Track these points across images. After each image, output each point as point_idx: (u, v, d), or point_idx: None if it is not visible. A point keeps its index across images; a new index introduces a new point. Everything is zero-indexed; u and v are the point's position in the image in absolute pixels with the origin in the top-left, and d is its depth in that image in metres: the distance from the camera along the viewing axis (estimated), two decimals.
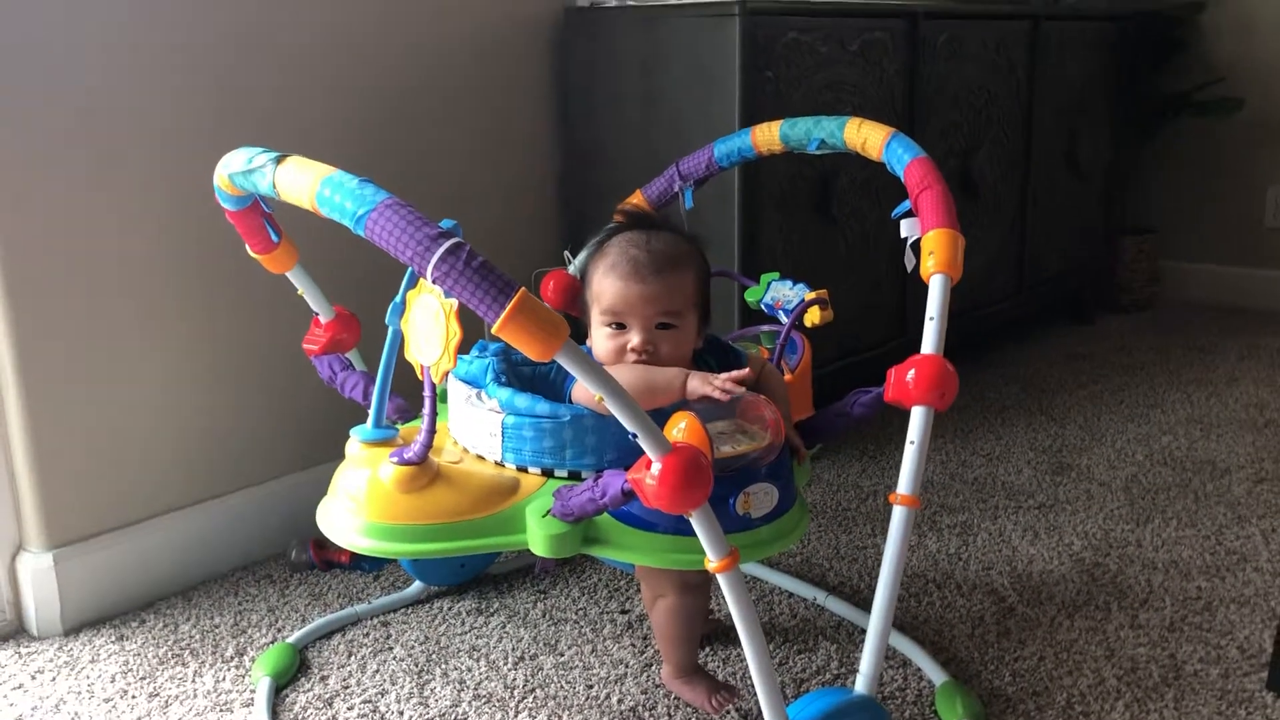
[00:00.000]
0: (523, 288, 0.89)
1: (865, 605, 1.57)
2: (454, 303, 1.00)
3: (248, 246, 1.29)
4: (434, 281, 0.90)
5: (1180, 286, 3.50)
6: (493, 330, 0.90)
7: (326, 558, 1.74)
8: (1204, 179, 3.40)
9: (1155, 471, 2.10)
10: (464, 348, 1.20)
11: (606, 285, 1.21)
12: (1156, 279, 3.44)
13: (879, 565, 1.13)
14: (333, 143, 1.79)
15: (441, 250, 0.89)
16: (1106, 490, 2.01)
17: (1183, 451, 2.20)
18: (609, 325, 1.21)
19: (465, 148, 2.01)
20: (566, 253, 1.65)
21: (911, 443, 1.11)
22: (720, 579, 1.01)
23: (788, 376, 1.38)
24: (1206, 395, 2.55)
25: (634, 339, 1.20)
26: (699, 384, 1.11)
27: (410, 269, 1.13)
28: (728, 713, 1.34)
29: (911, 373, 1.12)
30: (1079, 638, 1.51)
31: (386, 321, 1.18)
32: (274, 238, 1.28)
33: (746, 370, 1.13)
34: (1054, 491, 2.01)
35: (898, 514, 1.11)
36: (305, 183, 0.97)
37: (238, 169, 1.07)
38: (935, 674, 1.41)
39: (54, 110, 1.49)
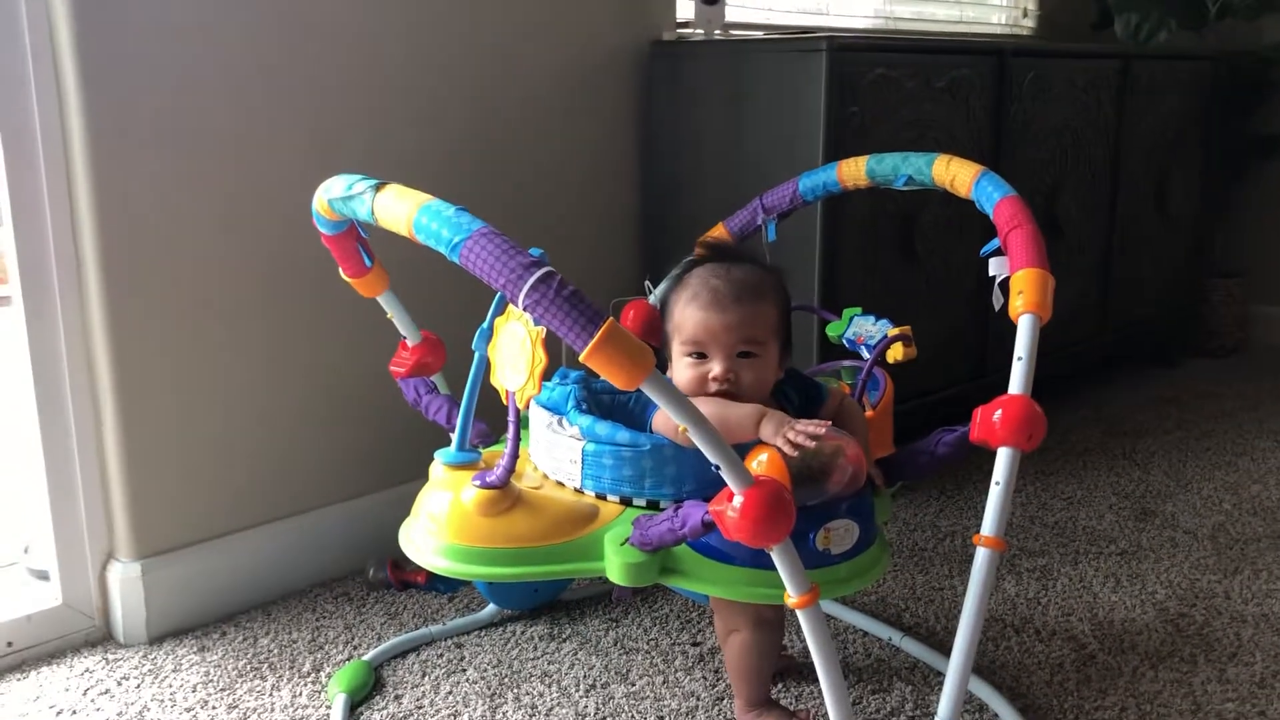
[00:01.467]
0: (610, 318, 0.90)
1: (941, 647, 1.54)
2: (541, 330, 1.01)
3: (341, 270, 1.33)
4: (525, 309, 0.92)
5: (1269, 331, 3.40)
6: (580, 358, 0.91)
7: (403, 578, 1.76)
8: None
9: (1244, 521, 2.04)
10: (546, 375, 1.22)
11: (688, 315, 1.22)
12: (1245, 323, 3.35)
13: (956, 607, 1.12)
14: (421, 174, 1.83)
15: (534, 279, 0.90)
16: (1192, 539, 1.96)
17: (1273, 501, 2.14)
18: (690, 355, 1.22)
19: (550, 178, 2.04)
20: (647, 283, 1.67)
21: (997, 484, 1.10)
22: (800, 615, 1.00)
23: (869, 413, 1.37)
24: None
25: (715, 368, 1.20)
26: (772, 433, 1.10)
27: (498, 295, 1.16)
28: None
29: (998, 413, 1.10)
30: (1163, 689, 1.47)
31: (473, 346, 1.20)
32: (367, 262, 1.31)
33: (826, 424, 1.11)
34: (1137, 538, 1.97)
35: (981, 556, 1.09)
36: (403, 210, 1.00)
37: (338, 195, 1.09)
38: None
39: (163, 131, 1.54)
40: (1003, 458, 1.10)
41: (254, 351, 1.69)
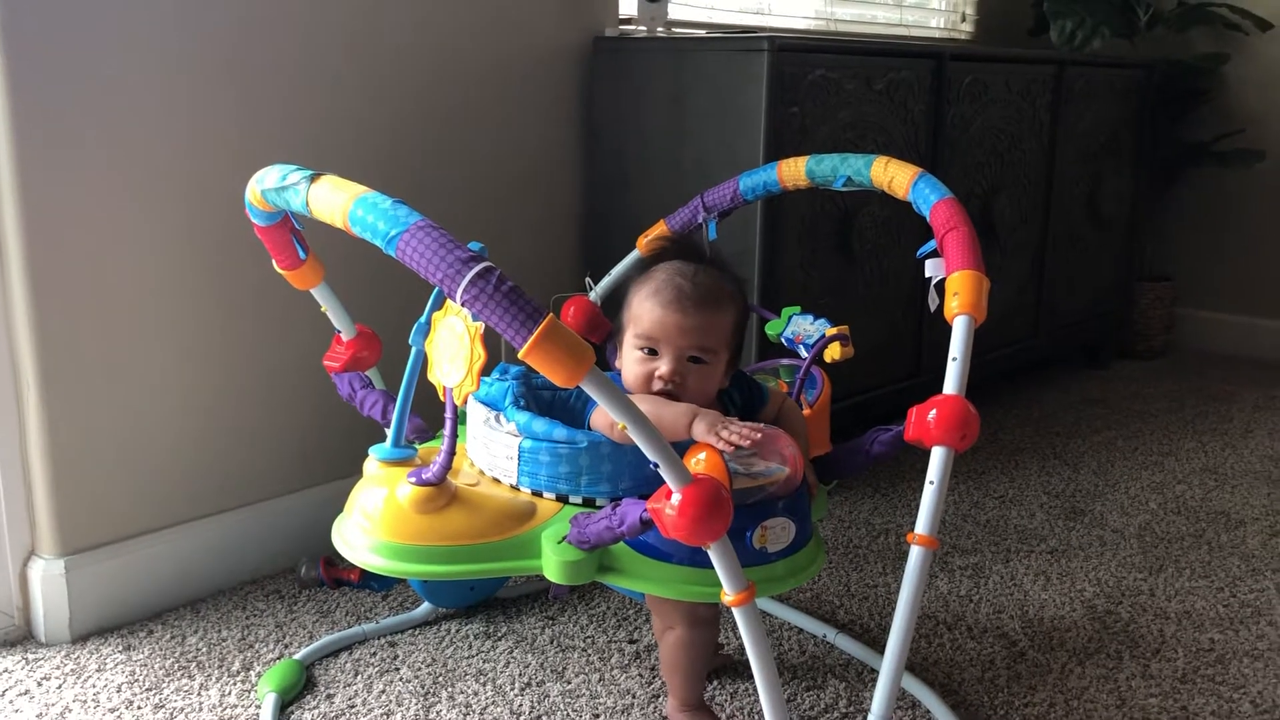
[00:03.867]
0: (550, 314, 0.90)
1: (875, 644, 1.56)
2: (480, 325, 1.00)
3: (274, 262, 1.30)
4: (463, 304, 0.90)
5: (1196, 335, 3.49)
6: (520, 355, 0.90)
7: (336, 575, 1.73)
8: (1222, 228, 3.40)
9: (1169, 520, 2.09)
10: (485, 370, 1.21)
11: (646, 309, 1.21)
12: (1172, 327, 3.43)
13: (889, 604, 1.13)
14: (360, 168, 1.80)
15: (472, 274, 0.89)
16: (1119, 537, 2.00)
17: (1197, 501, 2.19)
18: (641, 349, 1.21)
19: (491, 174, 2.03)
20: (588, 279, 1.66)
21: (931, 483, 1.11)
22: (736, 613, 1.00)
23: (806, 411, 1.38)
24: (1221, 445, 2.54)
25: (663, 367, 1.20)
26: (704, 430, 1.10)
27: (436, 290, 1.14)
28: None
29: (933, 413, 1.11)
30: (1090, 685, 1.50)
31: (411, 341, 1.18)
32: (301, 254, 1.28)
33: (759, 430, 1.11)
34: (1066, 536, 2.00)
35: (915, 554, 1.10)
36: (338, 201, 0.98)
37: (271, 185, 1.07)
38: (945, 717, 1.40)
39: (83, 119, 1.50)
40: (936, 457, 1.11)
41: (182, 345, 1.66)
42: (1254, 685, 1.50)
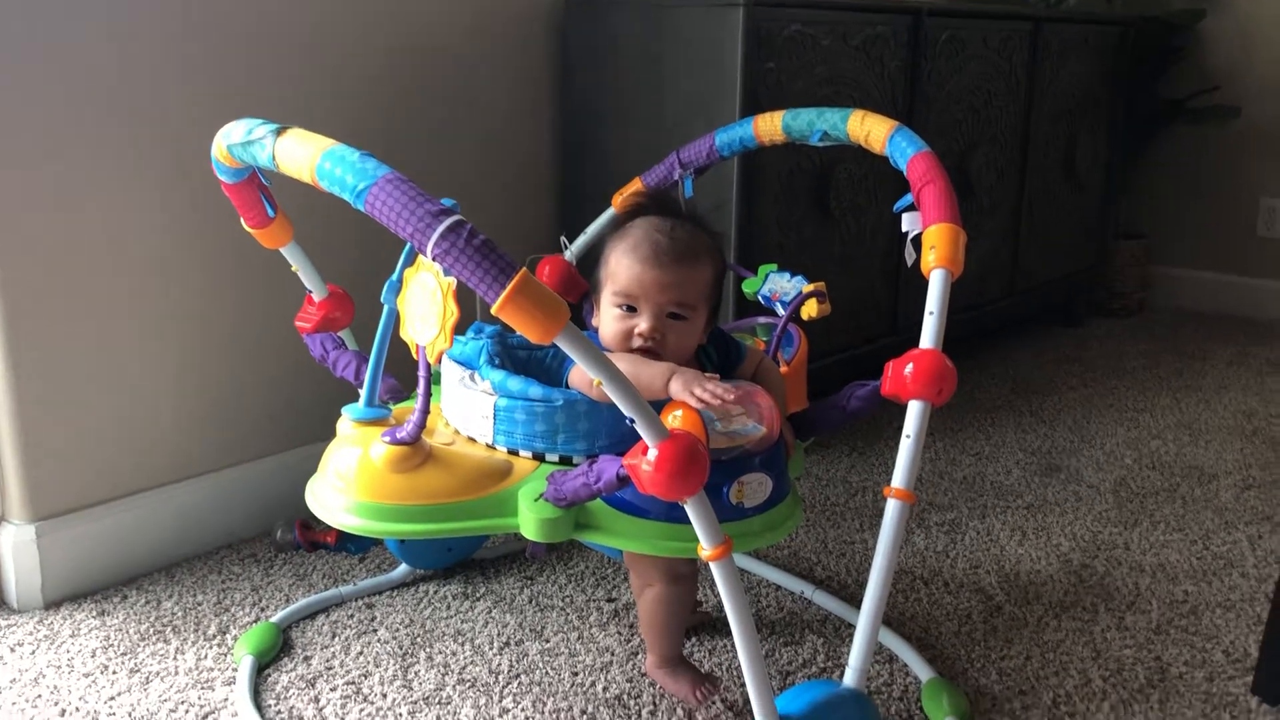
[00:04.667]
0: (524, 268, 0.88)
1: (852, 600, 1.57)
2: (452, 281, 0.99)
3: (243, 220, 1.28)
4: (434, 259, 0.89)
5: (1171, 293, 3.51)
6: (493, 310, 0.89)
7: (312, 538, 1.72)
8: (1197, 187, 3.41)
9: (1144, 475, 2.10)
10: (459, 329, 1.19)
11: (624, 265, 1.19)
12: (1147, 285, 3.45)
13: (866, 560, 1.13)
14: (331, 126, 1.77)
15: (443, 227, 0.87)
16: (1095, 493, 2.02)
17: (1171, 456, 2.21)
18: (619, 306, 1.20)
19: (462, 134, 2.00)
20: (563, 238, 1.65)
21: (908, 437, 1.11)
22: (713, 567, 1.00)
23: (783, 369, 1.37)
24: (1195, 401, 2.55)
25: (642, 324, 1.18)
26: (680, 388, 1.09)
27: (408, 246, 1.13)
28: (713, 703, 1.34)
29: (909, 367, 1.11)
30: (1065, 638, 1.51)
31: (382, 299, 1.17)
32: (270, 212, 1.26)
33: (735, 390, 1.10)
34: (1042, 492, 2.02)
35: (892, 508, 1.10)
36: (305, 155, 0.96)
37: (237, 140, 1.05)
38: (922, 671, 1.40)
39: (44, 77, 1.47)
40: (913, 411, 1.11)
41: (153, 307, 1.63)
42: (1226, 635, 1.52)
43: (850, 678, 1.11)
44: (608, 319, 1.21)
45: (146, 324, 1.63)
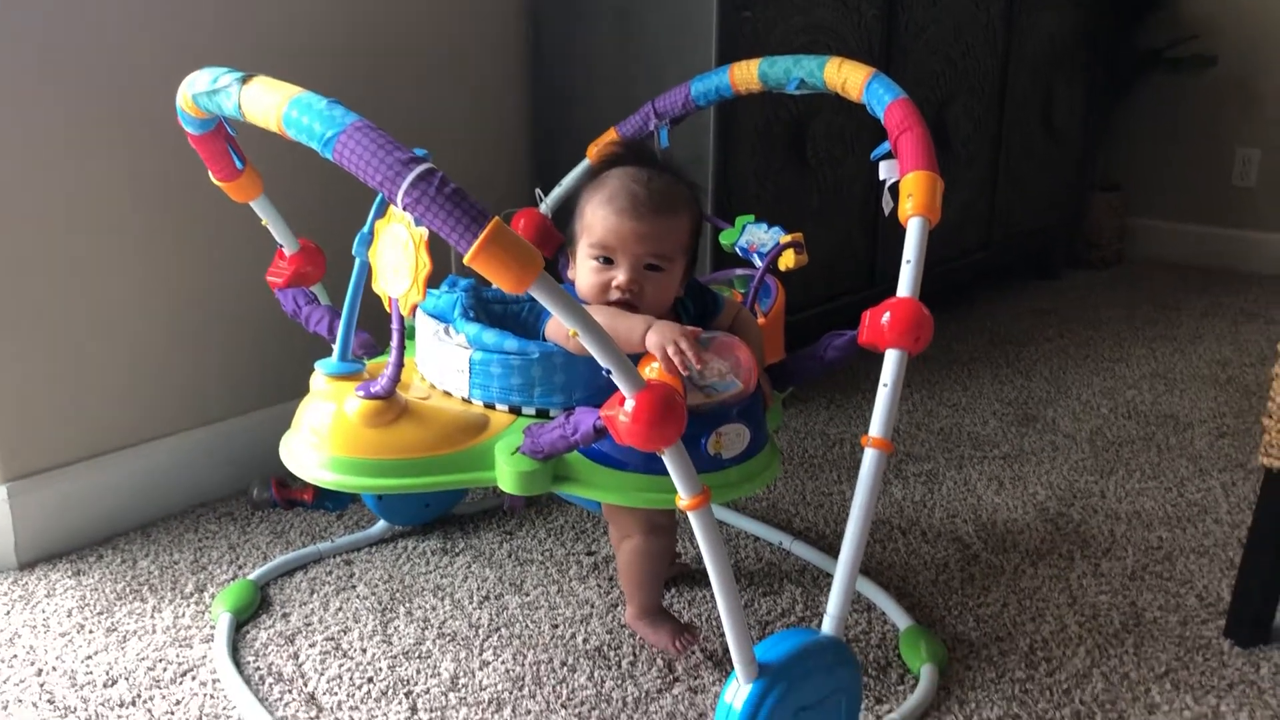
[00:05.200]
0: (496, 217, 0.87)
1: (830, 550, 1.57)
2: (424, 232, 0.97)
3: (210, 173, 1.25)
4: (404, 208, 0.87)
5: (1147, 244, 3.52)
6: (465, 260, 0.87)
7: (289, 496, 1.71)
8: (1174, 137, 3.41)
9: (1119, 424, 2.12)
10: (434, 282, 1.18)
11: (600, 217, 1.18)
12: (1124, 236, 3.45)
13: (844, 511, 1.13)
14: (299, 81, 1.73)
15: (413, 175, 0.86)
16: (1071, 442, 2.03)
17: (1147, 405, 2.22)
18: (596, 259, 1.18)
19: (434, 85, 1.97)
20: (538, 191, 1.63)
21: (885, 386, 1.10)
22: (691, 518, 1.00)
23: (761, 320, 1.37)
24: (1171, 351, 2.57)
25: (620, 277, 1.17)
26: (657, 343, 1.08)
27: (379, 197, 1.11)
28: (692, 653, 1.34)
29: (886, 315, 1.10)
30: (1042, 585, 1.52)
31: (354, 252, 1.15)
32: (238, 164, 1.24)
33: (706, 355, 1.09)
34: (1019, 442, 2.02)
35: (869, 456, 1.10)
36: (272, 103, 0.94)
37: (202, 89, 1.03)
38: (900, 619, 1.41)
39: (9, 31, 1.43)
40: (890, 359, 1.10)
41: (124, 264, 1.61)
42: (1200, 580, 1.53)
43: (829, 625, 1.11)
44: (584, 271, 1.20)
45: (119, 282, 1.61)
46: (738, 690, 1.04)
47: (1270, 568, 1.35)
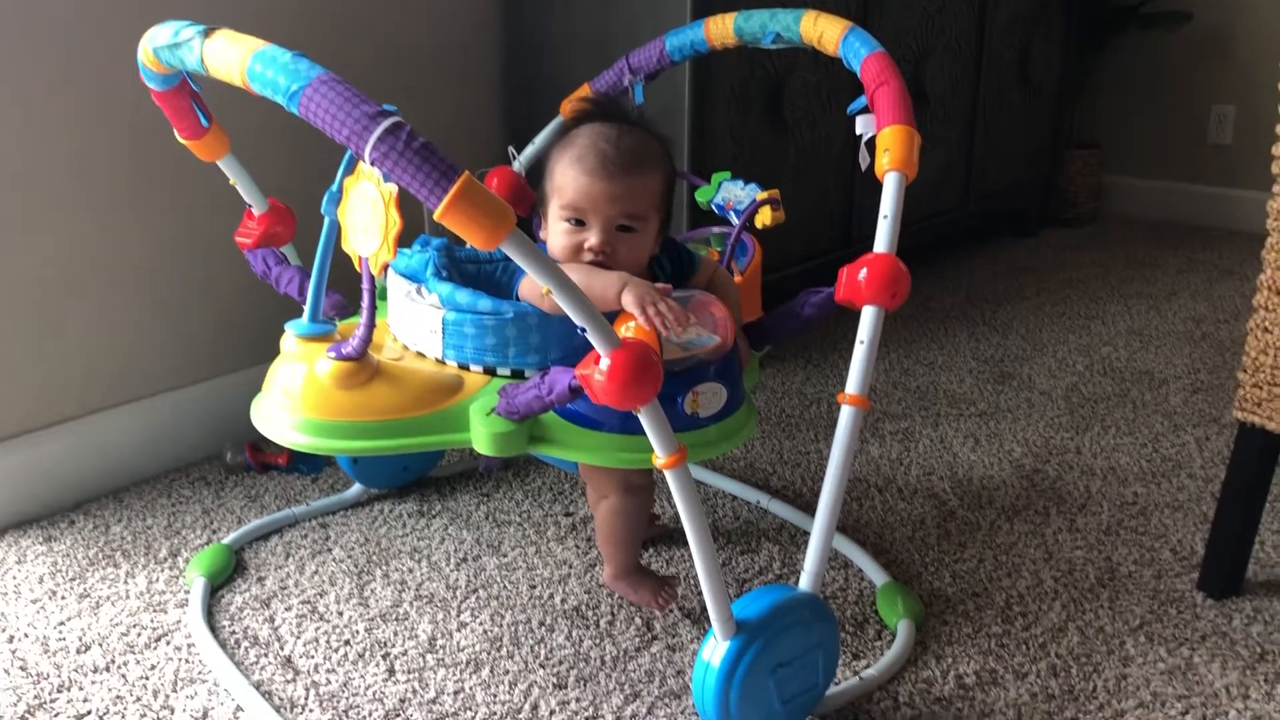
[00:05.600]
0: (466, 171, 0.85)
1: (807, 508, 1.57)
2: (393, 189, 0.95)
3: (176, 132, 1.23)
4: (372, 163, 0.86)
5: (1123, 201, 3.52)
6: (435, 216, 0.86)
7: (263, 460, 1.70)
8: (1149, 94, 3.41)
9: (1095, 381, 2.13)
10: (405, 241, 1.16)
11: (570, 178, 1.16)
12: (1100, 194, 3.45)
13: (821, 470, 1.13)
14: (269, 31, 1.70)
15: (381, 129, 0.84)
16: (1047, 399, 2.04)
17: (1122, 362, 2.23)
18: (567, 220, 1.17)
19: (408, 40, 1.94)
20: (511, 149, 1.60)
21: (861, 342, 1.10)
22: (669, 477, 0.99)
23: (737, 278, 1.35)
24: (1146, 308, 2.58)
25: (592, 238, 1.15)
26: (633, 302, 1.07)
27: (347, 154, 1.09)
28: (671, 610, 1.34)
29: (864, 272, 1.10)
30: (1018, 541, 1.53)
31: (323, 211, 1.13)
32: (203, 122, 1.21)
33: (683, 316, 1.07)
34: (995, 400, 2.03)
35: (846, 413, 1.10)
36: (235, 57, 0.92)
37: (163, 43, 1.00)
38: (876, 575, 1.42)
39: None
40: (867, 316, 1.09)
41: (92, 226, 1.58)
42: (1174, 534, 1.54)
43: (805, 582, 1.11)
44: (555, 233, 1.18)
45: (85, 246, 1.58)
46: (715, 647, 1.04)
47: (1242, 521, 1.36)
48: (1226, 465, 1.36)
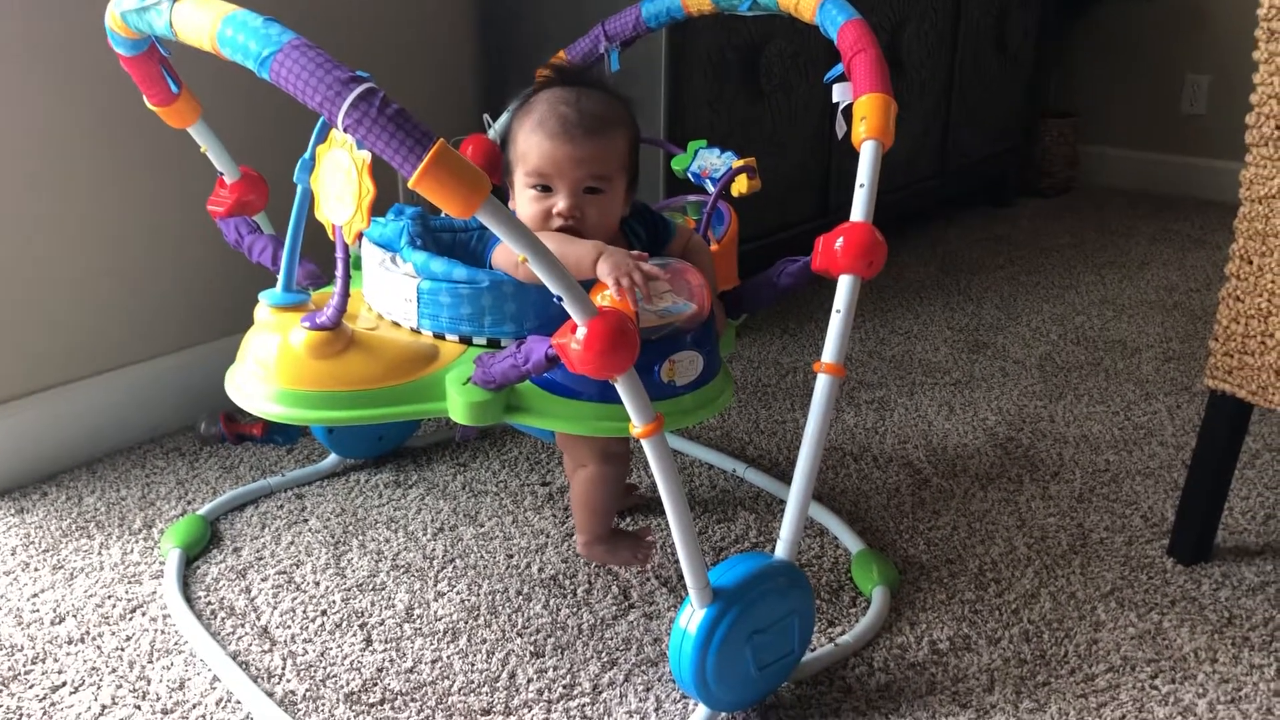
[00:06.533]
0: (441, 138, 0.84)
1: (783, 477, 1.58)
2: (366, 157, 0.94)
3: (145, 98, 1.21)
4: (345, 130, 0.85)
5: (1098, 171, 3.53)
6: (410, 183, 0.85)
7: (238, 431, 1.69)
8: (1125, 63, 3.41)
9: (1069, 350, 2.14)
10: (379, 209, 1.15)
11: (533, 144, 1.15)
12: (1075, 163, 3.46)
13: (797, 439, 1.13)
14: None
15: (354, 95, 0.83)
16: (1021, 368, 2.05)
17: (1095, 331, 2.24)
18: (534, 187, 1.16)
19: (378, 5, 1.91)
20: (486, 116, 1.59)
21: (837, 312, 1.10)
22: (645, 446, 0.99)
23: (713, 247, 1.35)
24: (1119, 277, 2.59)
25: (560, 203, 1.15)
26: (608, 271, 1.06)
27: (320, 121, 1.08)
28: (648, 579, 1.35)
29: (840, 240, 1.10)
30: (991, 508, 1.54)
31: (296, 179, 1.12)
32: (173, 88, 1.19)
33: (660, 277, 1.08)
34: (970, 369, 2.04)
35: (822, 381, 1.10)
36: (205, 21, 0.90)
37: (131, 7, 0.98)
38: (852, 543, 1.43)
39: None
40: (843, 285, 1.10)
41: (63, 197, 1.56)
42: (1145, 501, 1.56)
43: (781, 550, 1.12)
44: (523, 201, 1.18)
45: (56, 215, 1.56)
46: (692, 615, 1.05)
47: (1212, 487, 1.38)
48: (1197, 433, 1.37)
